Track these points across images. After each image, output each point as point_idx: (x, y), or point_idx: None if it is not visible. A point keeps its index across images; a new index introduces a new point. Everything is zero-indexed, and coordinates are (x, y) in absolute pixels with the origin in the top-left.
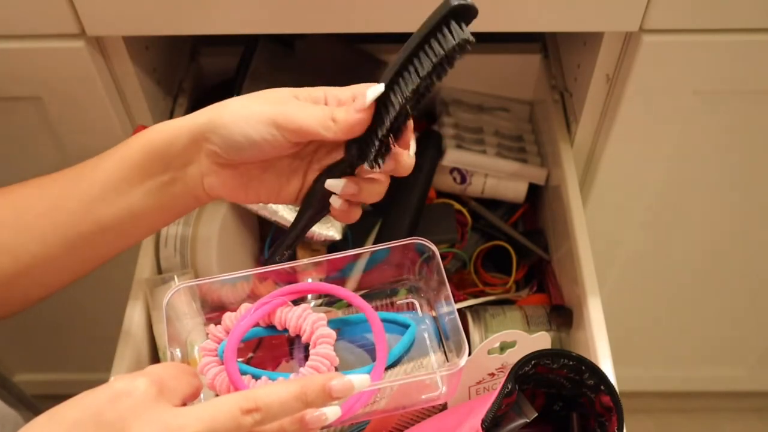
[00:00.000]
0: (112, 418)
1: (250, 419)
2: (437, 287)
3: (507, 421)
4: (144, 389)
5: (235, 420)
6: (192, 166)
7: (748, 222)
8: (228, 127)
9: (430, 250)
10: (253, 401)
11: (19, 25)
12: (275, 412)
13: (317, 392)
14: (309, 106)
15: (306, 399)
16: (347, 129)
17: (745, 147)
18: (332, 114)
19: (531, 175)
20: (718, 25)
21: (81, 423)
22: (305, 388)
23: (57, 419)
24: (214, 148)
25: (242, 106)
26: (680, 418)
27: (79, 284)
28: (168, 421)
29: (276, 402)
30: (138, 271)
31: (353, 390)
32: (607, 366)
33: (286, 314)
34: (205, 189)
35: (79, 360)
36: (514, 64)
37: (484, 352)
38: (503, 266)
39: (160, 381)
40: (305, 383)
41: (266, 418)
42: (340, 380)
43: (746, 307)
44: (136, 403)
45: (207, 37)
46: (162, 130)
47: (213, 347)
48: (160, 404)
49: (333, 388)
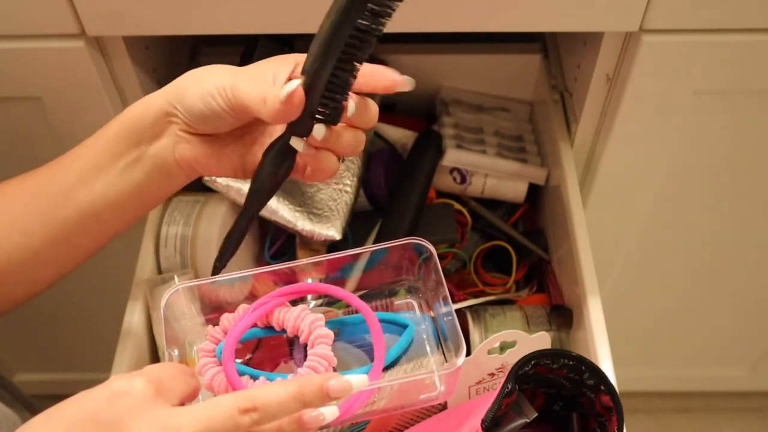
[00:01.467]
0: (109, 417)
1: (248, 419)
2: (435, 287)
3: (507, 421)
4: (142, 389)
5: (233, 420)
6: (162, 138)
7: (748, 222)
8: (190, 98)
9: (428, 250)
10: (251, 401)
11: (19, 25)
12: (273, 412)
13: (315, 392)
14: (257, 82)
15: (304, 399)
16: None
17: (745, 147)
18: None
19: (531, 175)
20: (718, 25)
21: (79, 423)
22: (303, 388)
23: (55, 419)
24: (181, 118)
25: (203, 77)
26: (680, 418)
27: (79, 284)
28: (165, 421)
29: (274, 402)
30: (138, 271)
31: (351, 390)
32: (607, 366)
33: (284, 315)
34: (176, 160)
35: (78, 360)
36: (514, 64)
37: (484, 352)
38: (503, 266)
39: (158, 381)
40: (303, 383)
41: (264, 418)
42: (338, 380)
43: (746, 307)
44: (134, 403)
45: (207, 37)
46: (134, 107)
47: (211, 348)
48: (158, 404)
49: (331, 388)
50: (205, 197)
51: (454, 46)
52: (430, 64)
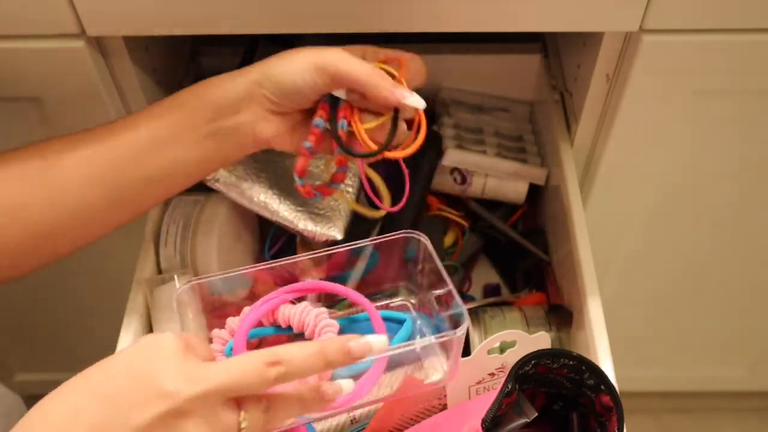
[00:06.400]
0: (142, 367)
1: (274, 372)
2: (431, 272)
3: (507, 421)
4: (171, 342)
5: (261, 372)
6: (242, 114)
7: (748, 222)
8: (281, 76)
9: (419, 241)
10: (277, 355)
11: (19, 25)
12: (297, 366)
13: (337, 351)
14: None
15: (326, 357)
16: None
17: (745, 147)
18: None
19: (531, 175)
20: (718, 25)
21: (114, 376)
22: (325, 346)
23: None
24: (268, 95)
25: (291, 59)
26: (680, 418)
27: (79, 284)
28: (195, 371)
29: (297, 357)
30: (138, 271)
31: (371, 351)
32: (607, 366)
33: (289, 311)
34: (255, 135)
35: (79, 360)
36: (514, 64)
37: (484, 352)
38: (503, 266)
39: (186, 339)
40: (325, 343)
41: (289, 373)
42: (358, 341)
43: (746, 307)
44: (165, 354)
45: (207, 37)
46: (217, 84)
47: (219, 349)
48: (188, 357)
49: (353, 348)
50: (205, 197)
51: (454, 46)
52: (430, 64)
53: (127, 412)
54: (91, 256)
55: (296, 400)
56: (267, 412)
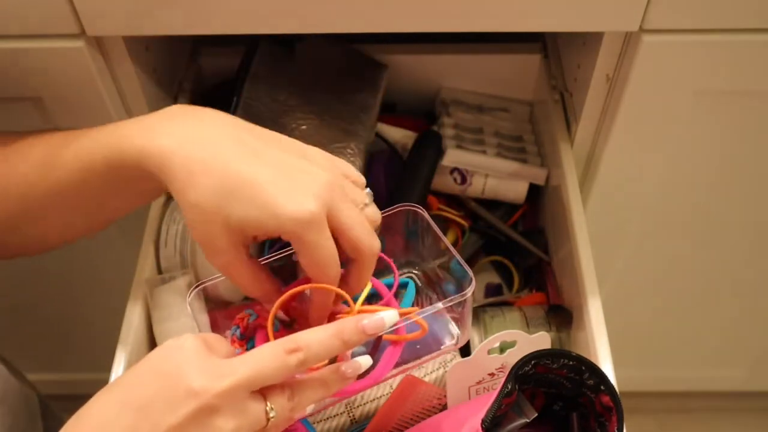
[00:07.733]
0: (168, 368)
1: (295, 358)
2: (432, 244)
3: (507, 421)
4: (193, 343)
5: (282, 361)
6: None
7: (748, 222)
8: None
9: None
10: (295, 342)
11: (19, 25)
12: (316, 351)
13: (353, 330)
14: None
15: (343, 337)
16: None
17: (745, 147)
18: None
19: (531, 175)
20: (718, 25)
21: (141, 376)
22: (341, 327)
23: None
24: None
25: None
26: (680, 418)
27: (79, 284)
28: (218, 367)
29: (315, 341)
30: (138, 271)
31: (384, 326)
32: (607, 366)
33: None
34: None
35: (79, 360)
36: (514, 64)
37: (484, 352)
38: (503, 267)
39: (205, 338)
40: (340, 323)
41: (309, 357)
42: (371, 318)
43: (746, 307)
44: (189, 354)
45: (207, 37)
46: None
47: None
48: (210, 355)
49: (366, 326)
50: None
51: (454, 46)
52: (430, 64)
53: (158, 415)
54: (91, 256)
55: (319, 384)
56: (292, 399)
